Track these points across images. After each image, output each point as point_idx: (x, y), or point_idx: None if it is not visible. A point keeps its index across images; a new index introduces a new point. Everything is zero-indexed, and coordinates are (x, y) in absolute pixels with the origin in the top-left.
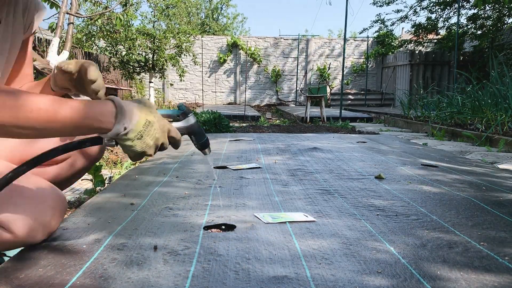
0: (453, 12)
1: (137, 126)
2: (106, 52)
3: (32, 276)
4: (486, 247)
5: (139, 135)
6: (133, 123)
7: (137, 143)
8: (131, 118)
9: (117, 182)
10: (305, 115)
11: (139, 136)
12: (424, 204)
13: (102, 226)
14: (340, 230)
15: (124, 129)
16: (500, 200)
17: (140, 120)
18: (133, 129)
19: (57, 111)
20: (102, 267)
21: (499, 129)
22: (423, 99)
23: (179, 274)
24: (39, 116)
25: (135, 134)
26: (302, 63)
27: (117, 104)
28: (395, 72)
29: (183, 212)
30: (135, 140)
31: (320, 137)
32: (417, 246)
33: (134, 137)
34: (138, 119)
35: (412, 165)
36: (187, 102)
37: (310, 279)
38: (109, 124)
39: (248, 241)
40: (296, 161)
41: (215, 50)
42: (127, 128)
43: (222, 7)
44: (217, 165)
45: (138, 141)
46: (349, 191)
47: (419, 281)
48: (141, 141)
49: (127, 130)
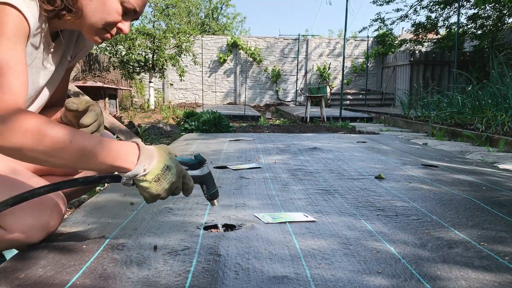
0: (453, 12)
1: (156, 170)
2: (106, 52)
3: (32, 276)
4: (486, 247)
5: (156, 178)
6: (152, 166)
7: (153, 186)
8: (151, 161)
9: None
10: (305, 115)
11: (156, 179)
12: (424, 204)
13: (102, 226)
14: (340, 230)
15: (144, 170)
16: (500, 200)
17: (159, 164)
18: (152, 171)
19: (86, 146)
20: (102, 267)
21: (499, 129)
22: (423, 99)
23: (179, 274)
24: (69, 149)
25: (152, 176)
26: (302, 63)
27: (140, 147)
28: (395, 72)
29: (183, 212)
30: (152, 183)
31: (320, 137)
32: (417, 246)
33: (151, 179)
34: (157, 163)
35: (412, 165)
36: (187, 102)
37: (310, 279)
38: (130, 165)
39: (248, 241)
40: (296, 161)
41: (215, 50)
42: (146, 170)
43: (221, 7)
44: (217, 165)
45: (155, 184)
46: (349, 191)
47: (419, 281)
48: (158, 184)
49: (146, 172)
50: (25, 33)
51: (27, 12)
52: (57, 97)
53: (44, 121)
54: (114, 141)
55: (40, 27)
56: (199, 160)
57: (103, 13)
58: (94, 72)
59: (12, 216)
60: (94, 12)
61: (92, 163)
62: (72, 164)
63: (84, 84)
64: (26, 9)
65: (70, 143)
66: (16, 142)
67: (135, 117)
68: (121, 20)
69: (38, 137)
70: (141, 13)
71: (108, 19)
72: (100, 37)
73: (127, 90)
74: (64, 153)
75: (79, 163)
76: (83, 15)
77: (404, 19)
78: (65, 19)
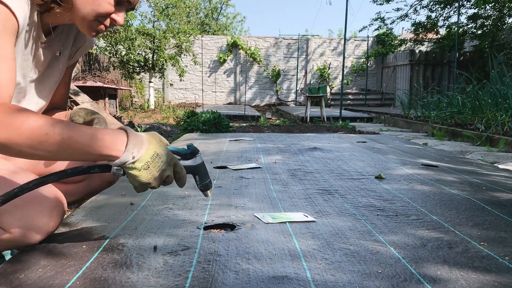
0: (453, 11)
1: (145, 157)
2: (106, 52)
3: (31, 276)
4: (486, 247)
5: (146, 166)
6: (141, 153)
7: (143, 174)
8: (140, 148)
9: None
10: (305, 115)
11: (145, 167)
12: (424, 204)
13: (102, 226)
14: (340, 230)
15: (132, 158)
16: (500, 200)
17: (149, 151)
18: (141, 158)
19: (70, 136)
20: (102, 267)
21: (499, 129)
22: (423, 99)
23: (179, 275)
24: (53, 140)
25: (142, 164)
26: (302, 63)
27: (129, 133)
28: (395, 72)
29: (183, 212)
30: (142, 170)
31: (320, 137)
32: (417, 246)
33: (141, 167)
34: (147, 150)
35: (412, 165)
36: (187, 102)
37: (310, 279)
38: (118, 152)
39: (248, 241)
40: (296, 161)
41: (215, 50)
42: (135, 158)
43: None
44: (217, 165)
45: (144, 172)
46: (349, 191)
47: (419, 281)
48: (147, 172)
49: (135, 159)
50: (12, 29)
51: (15, 7)
52: (61, 94)
53: (28, 114)
54: (100, 129)
55: (32, 22)
56: (192, 150)
57: (93, 5)
58: (94, 72)
59: (12, 216)
60: (84, 4)
61: (79, 154)
62: (59, 155)
63: (84, 84)
64: (14, 3)
65: (54, 134)
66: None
67: (135, 117)
68: (114, 11)
69: (21, 130)
70: (135, 3)
71: (99, 10)
72: (94, 30)
73: (127, 90)
74: (48, 145)
75: (65, 154)
76: (73, 8)
77: (404, 18)
78: (55, 12)
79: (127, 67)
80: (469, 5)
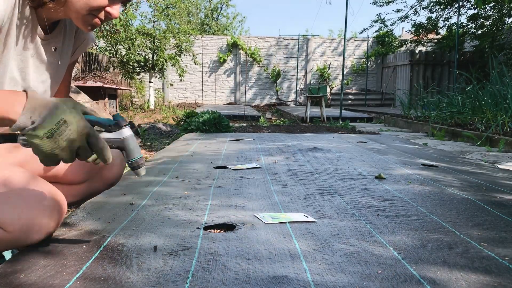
0: (453, 12)
1: (48, 123)
2: (106, 52)
3: (31, 276)
4: (486, 248)
5: (49, 134)
6: (42, 118)
7: (46, 143)
8: (41, 112)
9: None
10: (305, 115)
11: (49, 135)
12: (424, 204)
13: (102, 226)
14: (340, 231)
15: (32, 123)
16: (500, 200)
17: (54, 117)
18: (43, 125)
19: None
20: (102, 267)
21: (499, 129)
22: (423, 99)
23: (179, 274)
24: None
25: (44, 131)
26: (302, 63)
27: (29, 95)
28: (395, 72)
29: (183, 212)
30: (45, 139)
31: (320, 137)
32: (417, 247)
33: (43, 135)
34: (51, 115)
35: (412, 165)
36: (187, 102)
37: (310, 280)
38: (15, 115)
39: (248, 241)
40: (296, 161)
41: (215, 50)
42: (35, 123)
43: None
44: (217, 165)
45: (48, 140)
46: (349, 191)
47: (419, 282)
48: (51, 141)
49: (35, 124)
50: None
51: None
52: (60, 92)
53: None
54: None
55: (24, 17)
56: (117, 121)
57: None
58: (94, 72)
59: (12, 216)
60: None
61: None
62: None
63: (84, 84)
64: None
65: None
66: None
67: (135, 117)
68: (108, 3)
69: None
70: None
71: (92, 4)
72: (89, 24)
73: (127, 90)
74: None
75: None
76: (67, 3)
77: (405, 19)
78: (48, 7)
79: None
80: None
